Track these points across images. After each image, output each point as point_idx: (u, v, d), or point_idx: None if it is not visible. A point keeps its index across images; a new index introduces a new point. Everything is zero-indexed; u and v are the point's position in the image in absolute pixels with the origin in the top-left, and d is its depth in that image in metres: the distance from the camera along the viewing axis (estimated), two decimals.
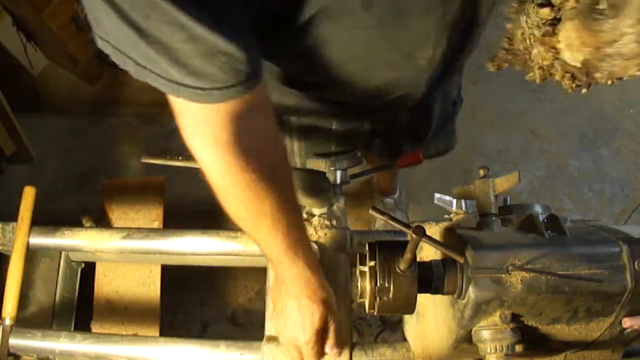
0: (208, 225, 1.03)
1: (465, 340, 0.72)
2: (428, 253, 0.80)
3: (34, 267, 1.12)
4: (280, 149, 0.70)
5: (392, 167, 1.19)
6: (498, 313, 0.69)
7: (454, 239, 0.73)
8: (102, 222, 1.41)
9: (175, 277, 1.52)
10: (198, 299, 1.91)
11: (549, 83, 0.57)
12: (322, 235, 0.97)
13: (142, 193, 1.48)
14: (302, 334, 0.80)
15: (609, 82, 0.51)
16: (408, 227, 0.62)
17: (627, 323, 0.73)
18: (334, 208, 1.01)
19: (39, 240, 1.05)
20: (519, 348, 0.73)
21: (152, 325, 1.35)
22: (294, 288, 0.79)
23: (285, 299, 0.82)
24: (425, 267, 0.70)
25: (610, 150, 2.36)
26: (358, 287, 0.71)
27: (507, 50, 0.57)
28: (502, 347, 0.69)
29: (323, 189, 0.95)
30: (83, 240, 1.04)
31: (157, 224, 1.43)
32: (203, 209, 1.26)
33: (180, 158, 0.94)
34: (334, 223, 0.98)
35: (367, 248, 0.70)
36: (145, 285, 1.37)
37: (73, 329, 1.18)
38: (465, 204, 1.02)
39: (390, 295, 0.67)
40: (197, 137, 0.60)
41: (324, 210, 0.99)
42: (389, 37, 0.68)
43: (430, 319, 0.83)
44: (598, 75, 0.51)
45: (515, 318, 0.70)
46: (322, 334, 0.82)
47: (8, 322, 0.99)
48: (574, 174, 2.31)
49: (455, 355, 0.79)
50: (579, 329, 0.74)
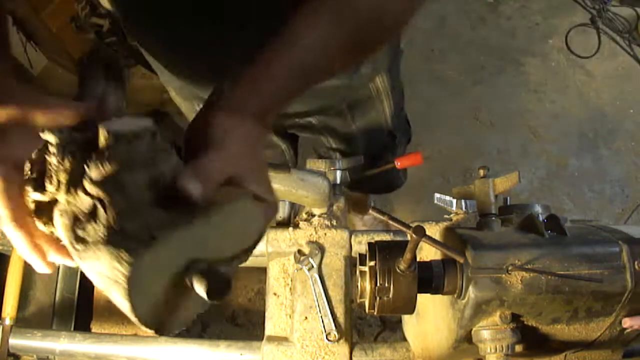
0: None
1: (465, 340, 0.72)
2: (428, 253, 0.80)
3: None
4: None
5: (392, 166, 1.19)
6: (498, 313, 0.69)
7: (454, 239, 0.73)
8: None
9: None
10: None
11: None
12: (322, 235, 0.97)
13: None
14: None
15: None
16: (408, 227, 0.62)
17: (627, 323, 0.73)
18: (334, 208, 1.01)
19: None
20: (519, 348, 0.73)
21: None
22: None
23: None
24: (425, 267, 0.70)
25: (610, 150, 2.36)
26: (358, 287, 0.71)
27: None
28: (502, 347, 0.69)
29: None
30: None
31: None
32: None
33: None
34: (334, 223, 0.99)
35: (367, 248, 0.70)
36: None
37: (73, 329, 1.19)
38: (465, 204, 1.02)
39: (390, 295, 0.67)
40: None
41: (324, 210, 1.00)
42: None
43: (430, 319, 0.83)
44: None
45: (515, 318, 0.70)
46: None
47: (8, 322, 0.99)
48: (574, 174, 2.31)
49: (455, 355, 0.79)
50: (579, 329, 0.74)
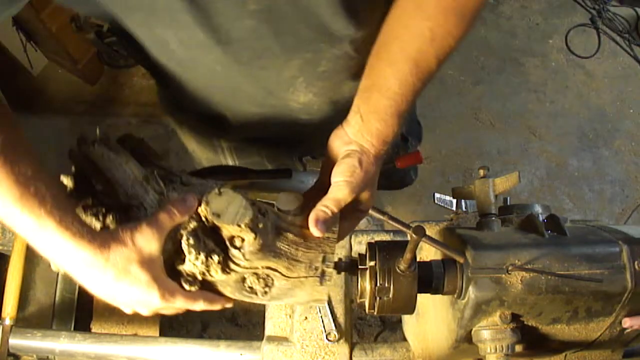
0: None
1: (465, 340, 0.72)
2: (428, 253, 0.80)
3: (34, 267, 1.12)
4: None
5: (392, 166, 1.19)
6: (498, 313, 0.69)
7: (454, 239, 0.73)
8: None
9: None
10: None
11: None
12: None
13: None
14: None
15: None
16: (408, 227, 0.62)
17: (627, 323, 0.73)
18: None
19: None
20: (519, 348, 0.73)
21: (152, 325, 1.34)
22: None
23: None
24: (425, 267, 0.70)
25: (610, 150, 2.36)
26: (358, 287, 0.71)
27: None
28: (502, 347, 0.69)
29: None
30: None
31: None
32: None
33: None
34: None
35: (367, 248, 0.70)
36: None
37: (73, 329, 1.18)
38: (465, 204, 1.02)
39: (390, 295, 0.67)
40: None
41: None
42: (246, 74, 0.71)
43: (430, 319, 0.83)
44: None
45: (515, 318, 0.70)
46: None
47: (8, 322, 0.99)
48: (574, 174, 2.31)
49: (455, 355, 0.79)
50: (579, 329, 0.74)
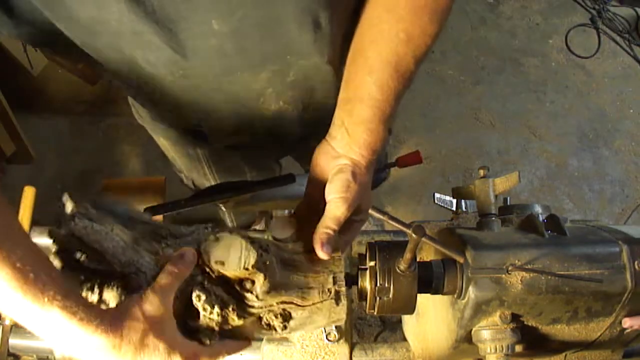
0: None
1: (465, 340, 0.72)
2: (428, 253, 0.80)
3: None
4: None
5: (392, 166, 1.19)
6: (498, 313, 0.69)
7: (454, 239, 0.73)
8: None
9: None
10: None
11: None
12: None
13: (142, 193, 1.48)
14: None
15: None
16: (408, 227, 0.62)
17: (627, 323, 0.73)
18: None
19: (39, 240, 1.05)
20: (519, 348, 0.73)
21: None
22: None
23: None
24: (425, 267, 0.70)
25: (610, 150, 2.36)
26: (358, 287, 0.71)
27: None
28: (502, 347, 0.69)
29: None
30: None
31: None
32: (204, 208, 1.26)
33: (183, 202, 0.91)
34: None
35: (367, 248, 0.70)
36: None
37: None
38: (465, 204, 1.02)
39: (390, 295, 0.67)
40: None
41: None
42: (215, 88, 0.73)
43: (430, 319, 0.83)
44: None
45: (515, 318, 0.70)
46: None
47: (8, 322, 0.99)
48: (574, 174, 2.31)
49: (455, 355, 0.79)
50: (579, 329, 0.74)
